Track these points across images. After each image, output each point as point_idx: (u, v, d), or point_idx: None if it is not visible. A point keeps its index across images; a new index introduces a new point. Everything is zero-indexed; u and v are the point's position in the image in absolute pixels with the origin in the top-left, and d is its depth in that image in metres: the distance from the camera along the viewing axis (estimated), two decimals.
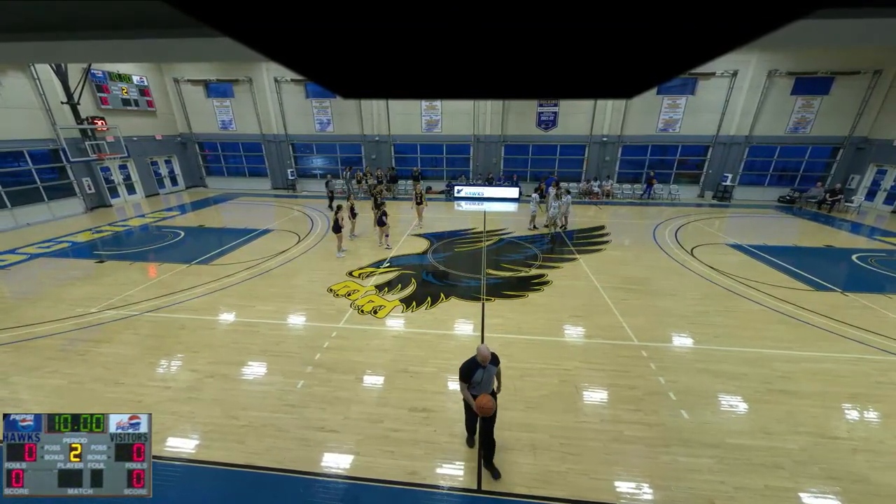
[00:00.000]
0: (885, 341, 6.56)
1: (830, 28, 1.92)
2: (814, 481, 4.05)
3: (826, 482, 4.04)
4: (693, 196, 19.35)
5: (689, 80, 17.70)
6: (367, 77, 0.38)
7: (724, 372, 5.76)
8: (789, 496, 3.89)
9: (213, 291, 8.49)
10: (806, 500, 3.87)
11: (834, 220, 15.35)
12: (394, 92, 0.40)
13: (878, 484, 4.01)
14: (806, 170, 18.48)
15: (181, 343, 6.53)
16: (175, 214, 16.00)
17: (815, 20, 1.83)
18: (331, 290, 8.53)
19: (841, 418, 4.91)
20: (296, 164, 21.45)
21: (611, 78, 0.35)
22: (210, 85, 20.24)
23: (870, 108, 16.76)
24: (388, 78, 0.37)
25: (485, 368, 3.83)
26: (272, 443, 4.51)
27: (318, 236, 12.67)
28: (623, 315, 7.43)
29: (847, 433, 4.67)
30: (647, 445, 4.48)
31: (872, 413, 5.00)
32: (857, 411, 5.03)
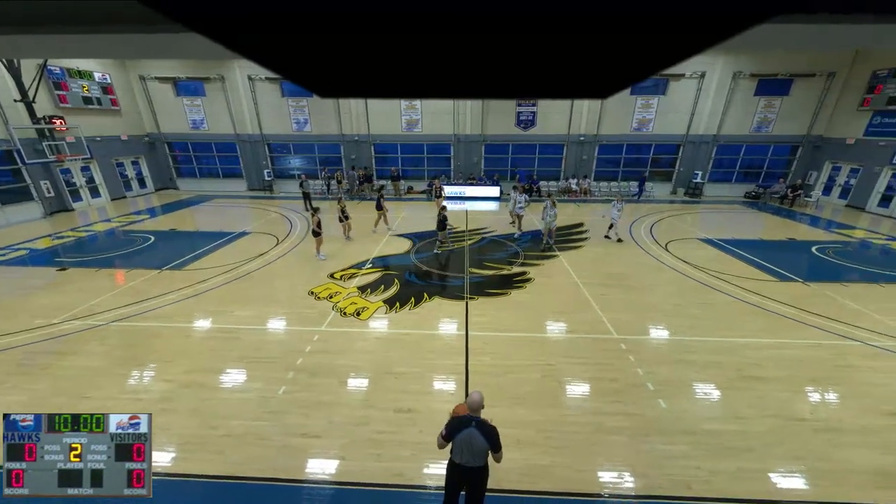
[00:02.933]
0: (842, 327, 7.00)
1: (788, 33, 2.03)
2: (781, 461, 4.28)
3: (792, 462, 4.28)
4: (666, 193, 20.06)
5: (661, 80, 18.33)
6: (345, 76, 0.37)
7: (699, 361, 6.01)
8: (759, 477, 4.10)
9: (187, 297, 8.17)
10: (774, 479, 4.08)
11: (795, 214, 16.25)
12: (372, 91, 0.39)
13: (838, 461, 4.28)
14: (769, 167, 19.50)
15: (154, 352, 6.25)
16: (144, 218, 15.29)
17: (774, 25, 1.93)
18: (312, 292, 8.37)
19: (805, 401, 5.21)
20: (272, 164, 20.89)
21: (586, 78, 0.36)
22: (179, 83, 19.43)
23: (825, 108, 17.85)
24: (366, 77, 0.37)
25: (471, 427, 3.03)
26: (253, 452, 4.39)
27: (298, 238, 12.40)
28: (603, 310, 7.63)
29: (810, 414, 4.97)
30: (627, 436, 4.61)
31: (832, 395, 5.33)
32: (819, 394, 5.35)
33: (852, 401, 5.19)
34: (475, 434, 3.01)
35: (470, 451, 3.05)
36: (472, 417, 3.09)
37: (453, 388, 5.42)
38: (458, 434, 3.05)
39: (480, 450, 3.04)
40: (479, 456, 3.07)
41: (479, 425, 3.04)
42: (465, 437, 3.03)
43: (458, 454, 3.11)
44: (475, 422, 3.05)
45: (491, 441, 3.02)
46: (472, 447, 3.04)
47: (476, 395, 3.18)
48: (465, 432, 3.02)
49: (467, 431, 3.02)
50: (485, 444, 3.01)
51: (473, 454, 3.06)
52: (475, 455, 3.06)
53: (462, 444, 3.06)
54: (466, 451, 3.06)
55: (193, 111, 19.87)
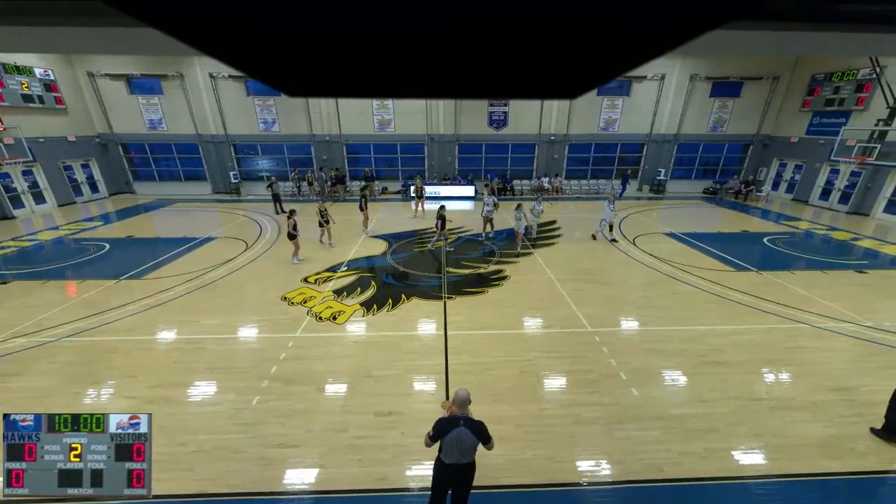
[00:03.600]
0: (792, 311, 7.57)
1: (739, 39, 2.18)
2: (742, 439, 4.58)
3: (752, 439, 4.58)
4: (633, 190, 20.93)
5: (625, 82, 19.11)
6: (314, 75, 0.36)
7: (667, 350, 6.31)
8: (724, 455, 4.36)
9: (148, 308, 7.70)
10: (737, 456, 4.36)
11: (748, 208, 17.41)
12: (342, 91, 0.38)
13: (791, 436, 4.63)
14: (724, 164, 20.82)
15: (113, 368, 5.84)
16: (97, 225, 14.26)
17: (726, 31, 2.06)
18: (285, 298, 8.11)
19: (761, 382, 5.60)
20: (239, 166, 20.04)
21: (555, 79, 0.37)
22: (133, 80, 18.23)
23: (771, 109, 19.27)
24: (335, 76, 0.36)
25: (459, 427, 3.04)
26: (226, 466, 4.20)
27: (269, 242, 11.97)
28: (577, 304, 7.86)
29: (766, 394, 5.34)
30: (603, 425, 4.78)
31: (784, 375, 5.76)
32: (773, 375, 5.76)
33: (801, 379, 5.63)
34: (464, 432, 3.04)
35: (460, 449, 3.08)
36: (459, 417, 3.12)
37: (433, 388, 5.41)
38: (446, 435, 3.05)
39: (470, 447, 3.09)
40: (468, 453, 3.11)
41: (467, 423, 3.07)
42: (454, 436, 3.04)
43: (448, 454, 3.11)
44: (463, 421, 3.08)
45: (481, 436, 3.08)
46: (462, 445, 3.06)
47: (462, 391, 3.21)
48: (455, 432, 3.04)
49: (456, 431, 3.04)
50: (475, 440, 3.06)
51: (463, 452, 3.09)
52: (465, 453, 3.10)
53: (452, 444, 3.07)
54: (457, 450, 3.08)
55: (150, 110, 18.72)
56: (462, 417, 3.11)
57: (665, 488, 3.99)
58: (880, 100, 14.49)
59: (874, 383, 5.44)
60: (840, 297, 8.13)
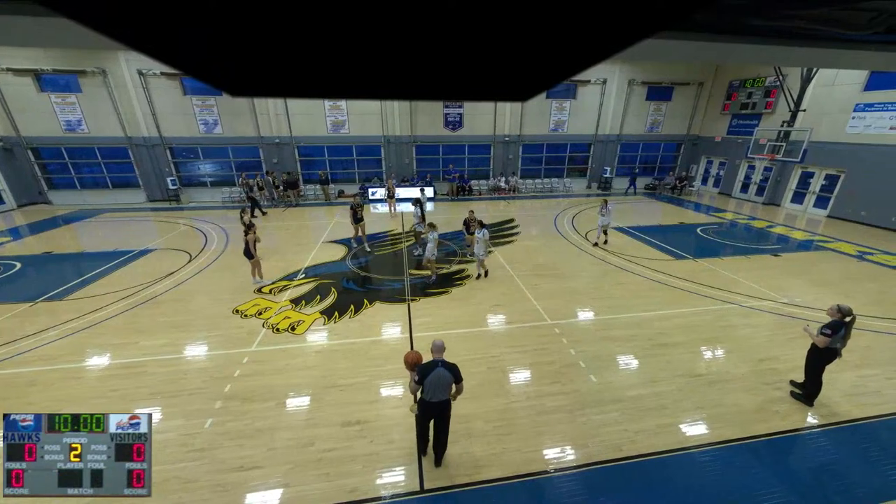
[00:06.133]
0: (723, 293, 8.44)
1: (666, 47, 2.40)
2: (688, 413, 5.02)
3: (696, 412, 5.04)
4: (583, 188, 22.15)
5: (571, 85, 20.17)
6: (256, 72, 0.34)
7: (619, 336, 6.76)
8: (673, 429, 4.76)
9: (74, 332, 6.86)
10: (684, 429, 4.77)
11: (683, 201, 19.11)
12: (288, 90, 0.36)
13: (728, 405, 5.15)
14: (661, 162, 22.69)
15: (31, 404, 5.13)
16: (4, 241, 12.44)
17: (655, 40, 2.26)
18: (237, 310, 7.60)
19: (701, 359, 6.18)
20: (177, 171, 18.44)
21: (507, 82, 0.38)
22: (43, 76, 16.08)
23: (698, 112, 21.35)
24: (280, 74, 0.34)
25: (438, 367, 3.71)
26: (178, 498, 3.85)
27: (216, 252, 11.15)
28: (537, 299, 8.16)
29: (706, 370, 5.90)
30: (566, 412, 5.01)
31: (720, 351, 6.40)
32: (711, 352, 6.38)
33: (734, 354, 6.29)
34: (442, 371, 3.71)
35: (439, 386, 3.74)
36: (437, 360, 3.76)
37: (401, 392, 5.35)
38: (428, 376, 3.67)
39: (447, 384, 3.77)
40: (445, 390, 3.80)
41: (443, 365, 3.74)
42: (435, 376, 3.69)
43: (429, 393, 3.76)
44: (440, 363, 3.74)
45: (455, 373, 3.77)
46: (440, 382, 3.72)
47: (438, 341, 3.89)
48: (435, 372, 3.69)
49: (436, 371, 3.69)
50: (450, 377, 3.74)
51: (441, 388, 3.76)
52: (443, 389, 3.78)
53: (432, 383, 3.70)
54: (437, 387, 3.73)
55: (66, 110, 16.62)
56: (439, 361, 3.76)
57: (624, 466, 4.27)
58: (784, 104, 16.60)
59: (790, 352, 6.22)
60: (760, 279, 9.19)
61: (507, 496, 3.94)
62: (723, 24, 2.24)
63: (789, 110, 16.33)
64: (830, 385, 5.24)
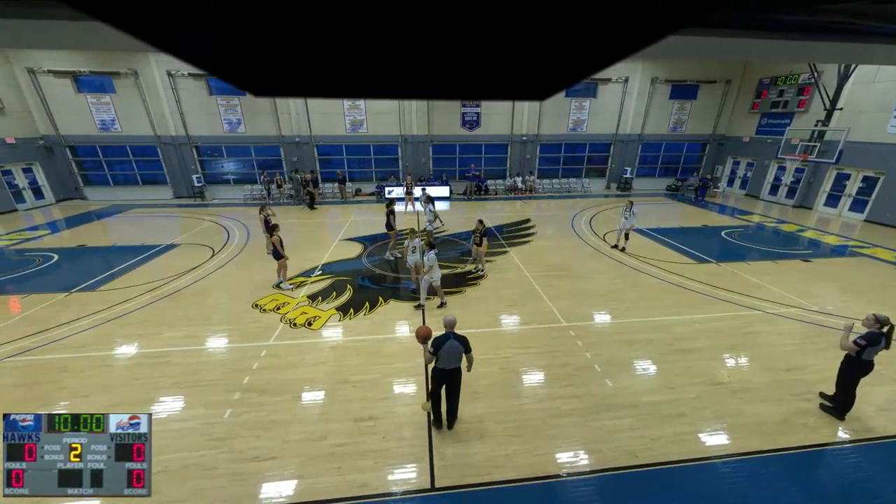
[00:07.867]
0: (747, 299, 8.11)
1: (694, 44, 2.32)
2: (707, 422, 4.85)
3: (716, 421, 4.86)
4: (601, 188, 21.71)
5: (591, 84, 19.78)
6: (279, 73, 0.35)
7: (636, 340, 6.59)
8: (691, 438, 4.61)
9: (104, 322, 7.20)
10: (703, 438, 4.61)
11: (707, 203, 18.47)
12: (310, 90, 0.37)
13: (749, 415, 4.95)
14: (685, 162, 21.98)
15: (64, 388, 5.42)
16: (43, 234, 13.17)
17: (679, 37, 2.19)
18: (256, 305, 7.81)
19: (723, 367, 5.96)
20: (203, 168, 19.09)
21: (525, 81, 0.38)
22: (81, 78, 16.93)
23: (725, 111, 20.56)
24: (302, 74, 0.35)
25: (450, 339, 4.21)
26: (196, 485, 3.99)
27: (237, 248, 11.49)
28: (551, 300, 8.05)
29: (728, 378, 5.68)
30: (580, 416, 4.92)
31: (743, 359, 6.15)
32: (733, 359, 6.14)
33: (757, 362, 6.04)
34: (454, 343, 4.24)
35: (452, 355, 4.27)
36: (449, 333, 4.28)
37: (413, 390, 5.38)
38: (443, 346, 4.20)
39: (458, 353, 4.29)
40: (456, 358, 4.32)
41: (455, 337, 4.27)
42: (448, 346, 4.21)
43: (444, 361, 4.28)
44: (452, 335, 4.27)
45: (465, 344, 4.28)
46: (452, 352, 4.25)
47: (450, 316, 4.46)
48: (448, 343, 4.22)
49: (449, 342, 4.22)
50: (461, 347, 4.26)
51: (454, 357, 4.29)
52: (455, 358, 4.31)
53: (446, 353, 4.23)
54: (450, 356, 4.26)
55: (101, 110, 17.47)
56: (451, 333, 4.29)
57: (639, 473, 4.17)
58: (819, 102, 15.80)
59: (820, 363, 5.92)
60: (789, 285, 8.79)
61: (518, 498, 3.91)
62: (744, 18, 2.15)
63: (824, 109, 15.53)
64: (864, 398, 4.96)
